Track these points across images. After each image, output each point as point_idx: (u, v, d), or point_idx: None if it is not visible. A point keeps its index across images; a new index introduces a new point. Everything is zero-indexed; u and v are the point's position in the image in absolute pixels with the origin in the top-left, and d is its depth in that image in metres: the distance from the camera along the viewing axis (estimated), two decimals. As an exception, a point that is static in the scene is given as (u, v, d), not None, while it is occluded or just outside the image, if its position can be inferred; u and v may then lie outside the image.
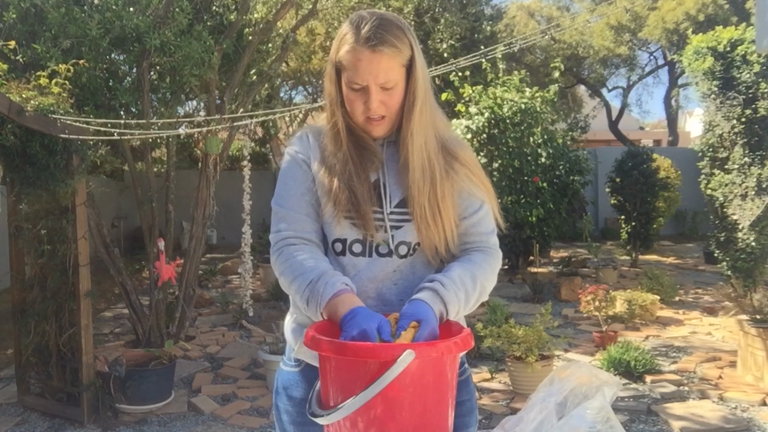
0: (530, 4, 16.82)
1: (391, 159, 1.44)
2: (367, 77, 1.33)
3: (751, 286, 5.10)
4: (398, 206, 1.41)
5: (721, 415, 3.82)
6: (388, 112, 1.37)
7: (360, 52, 1.32)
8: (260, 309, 6.83)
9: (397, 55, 1.33)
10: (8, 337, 5.06)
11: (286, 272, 1.37)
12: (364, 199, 1.38)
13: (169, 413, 4.09)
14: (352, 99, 1.37)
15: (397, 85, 1.35)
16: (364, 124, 1.40)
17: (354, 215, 1.38)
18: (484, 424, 3.81)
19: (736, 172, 5.08)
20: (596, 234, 12.22)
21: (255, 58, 5.67)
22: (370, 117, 1.37)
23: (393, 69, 1.34)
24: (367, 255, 1.40)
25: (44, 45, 4.02)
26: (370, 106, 1.35)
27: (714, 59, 5.21)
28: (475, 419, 1.50)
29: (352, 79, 1.35)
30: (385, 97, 1.35)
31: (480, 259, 1.41)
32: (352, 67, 1.34)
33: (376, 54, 1.31)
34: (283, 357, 1.54)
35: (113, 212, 10.87)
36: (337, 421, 1.15)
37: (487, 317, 5.23)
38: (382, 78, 1.33)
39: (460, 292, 1.33)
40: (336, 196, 1.38)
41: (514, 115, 7.62)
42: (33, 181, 3.76)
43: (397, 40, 1.33)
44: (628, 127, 19.01)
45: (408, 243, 1.41)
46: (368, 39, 1.32)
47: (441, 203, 1.39)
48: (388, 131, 1.43)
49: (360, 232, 1.39)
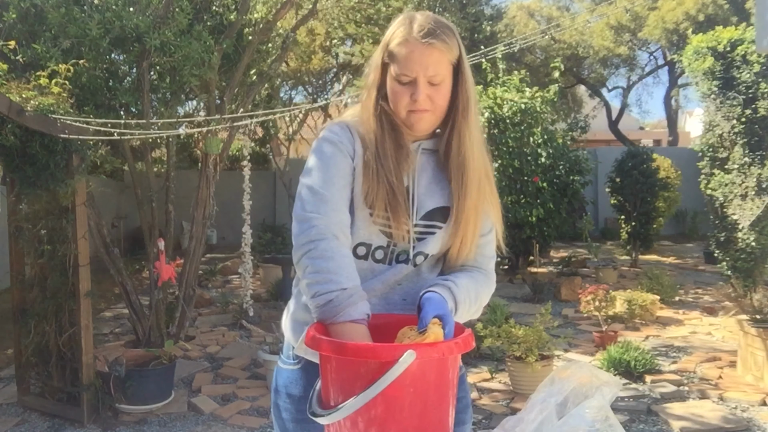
0: (530, 4, 16.82)
1: (425, 167, 1.44)
2: (417, 69, 1.34)
3: (751, 286, 5.10)
4: (424, 218, 1.41)
5: (721, 415, 3.82)
6: (433, 106, 1.38)
7: (413, 44, 1.35)
8: (260, 309, 6.83)
9: (447, 51, 1.36)
10: (8, 337, 5.06)
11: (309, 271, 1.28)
12: (400, 202, 1.36)
13: (169, 413, 4.09)
14: (398, 91, 1.37)
15: (444, 81, 1.37)
16: (406, 118, 1.39)
17: (390, 219, 1.37)
18: (484, 424, 3.82)
19: (736, 172, 5.08)
20: (596, 234, 12.22)
21: (255, 58, 5.67)
22: (413, 110, 1.37)
23: (442, 64, 1.36)
24: (388, 263, 1.41)
25: (44, 45, 4.02)
26: (416, 98, 1.35)
27: (714, 59, 5.21)
28: (470, 415, 1.52)
29: (401, 71, 1.36)
30: (432, 92, 1.36)
31: (481, 278, 1.43)
32: (404, 59, 1.35)
33: (428, 47, 1.34)
34: (281, 355, 1.54)
35: (113, 212, 10.87)
36: (337, 420, 1.15)
37: (487, 317, 5.23)
38: (432, 70, 1.35)
39: (470, 294, 1.36)
40: (374, 194, 1.35)
41: (514, 115, 7.62)
42: (33, 181, 3.76)
43: (447, 38, 1.36)
44: (628, 127, 19.02)
45: (425, 254, 1.42)
46: (421, 32, 1.34)
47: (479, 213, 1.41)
48: (429, 127, 1.42)
49: (386, 239, 1.39)
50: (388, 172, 1.37)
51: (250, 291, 6.50)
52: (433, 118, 1.40)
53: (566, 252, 10.42)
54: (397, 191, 1.36)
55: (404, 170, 1.40)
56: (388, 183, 1.36)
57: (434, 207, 1.41)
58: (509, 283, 7.92)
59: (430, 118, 1.39)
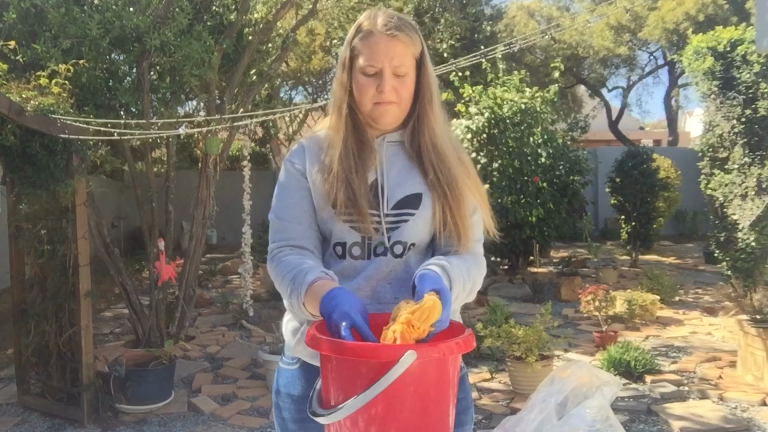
0: (530, 4, 16.82)
1: (394, 159, 1.46)
2: (382, 59, 1.38)
3: (751, 286, 5.10)
4: (396, 207, 1.43)
5: (721, 415, 3.82)
6: (398, 98, 1.41)
7: (377, 37, 1.39)
8: (260, 309, 6.82)
9: (411, 44, 1.40)
10: (8, 337, 5.06)
11: (276, 275, 1.40)
12: (361, 196, 1.39)
13: (169, 413, 4.09)
14: (363, 84, 1.40)
15: (408, 74, 1.41)
16: (372, 110, 1.42)
17: (353, 213, 1.40)
18: (484, 424, 3.81)
19: (736, 172, 5.08)
20: (596, 234, 12.22)
21: (255, 58, 5.66)
22: (378, 102, 1.40)
23: (406, 56, 1.40)
24: (366, 257, 1.42)
25: (44, 45, 4.02)
26: (383, 89, 1.38)
27: (714, 59, 5.20)
28: (471, 417, 1.52)
29: (367, 63, 1.39)
30: (397, 84, 1.40)
31: (471, 259, 1.43)
32: (368, 50, 1.39)
33: (392, 39, 1.39)
34: (282, 356, 1.55)
35: (113, 212, 10.87)
36: (337, 420, 1.15)
37: (487, 317, 5.23)
38: (397, 61, 1.39)
39: (463, 273, 1.36)
40: (335, 195, 1.40)
41: (514, 115, 7.61)
42: (33, 181, 3.76)
43: (410, 33, 1.41)
44: (628, 127, 19.01)
45: (403, 243, 1.43)
46: (386, 26, 1.39)
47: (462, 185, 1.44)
48: (393, 121, 1.45)
49: (358, 234, 1.41)
50: (347, 169, 1.41)
51: (250, 291, 6.49)
52: (398, 111, 1.43)
53: (566, 252, 10.42)
54: (356, 187, 1.40)
55: (369, 166, 1.44)
56: (347, 180, 1.40)
57: (405, 195, 1.43)
58: (509, 283, 7.92)
59: (395, 110, 1.43)
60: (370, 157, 1.44)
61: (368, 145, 1.45)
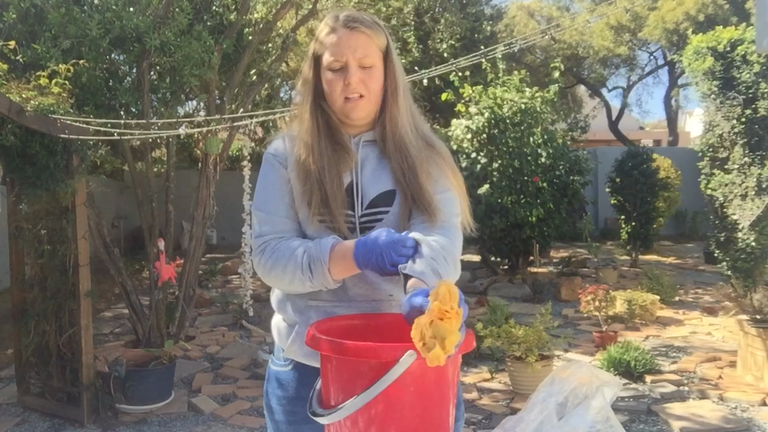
0: (530, 4, 16.82)
1: (368, 158, 1.46)
2: (346, 52, 1.39)
3: (751, 286, 5.09)
4: (369, 206, 1.42)
5: (721, 415, 3.82)
6: (366, 91, 1.41)
7: (339, 32, 1.40)
8: (260, 309, 6.81)
9: (375, 36, 1.41)
10: (8, 337, 5.05)
11: (277, 262, 1.37)
12: (334, 200, 1.39)
13: (169, 413, 4.09)
14: (331, 80, 1.41)
15: (374, 66, 1.41)
16: (342, 107, 1.42)
17: (325, 214, 1.39)
18: (484, 424, 3.81)
19: (736, 172, 5.07)
20: (596, 234, 12.21)
21: (255, 58, 5.67)
22: (348, 97, 1.40)
23: (371, 47, 1.41)
24: None
25: (44, 45, 4.02)
26: (349, 81, 1.38)
27: (714, 59, 5.20)
28: (462, 412, 1.54)
29: (332, 58, 1.40)
30: (364, 76, 1.40)
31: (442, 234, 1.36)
32: (333, 45, 1.40)
33: (354, 32, 1.40)
34: (272, 356, 1.56)
35: (113, 212, 10.87)
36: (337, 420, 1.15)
37: (487, 317, 5.23)
38: (361, 52, 1.39)
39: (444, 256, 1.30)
40: (309, 197, 1.39)
41: (514, 115, 7.61)
42: (33, 181, 3.76)
43: (372, 26, 1.42)
44: (628, 127, 19.01)
45: None
46: (347, 21, 1.41)
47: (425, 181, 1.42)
48: (365, 116, 1.44)
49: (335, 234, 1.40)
50: (321, 170, 1.40)
51: (250, 291, 6.49)
52: (369, 105, 1.43)
53: (566, 252, 10.42)
54: (329, 189, 1.39)
55: (345, 168, 1.43)
56: (321, 182, 1.39)
57: (377, 193, 1.43)
58: (509, 283, 7.92)
59: (366, 104, 1.42)
60: (346, 159, 1.44)
61: (343, 147, 1.45)
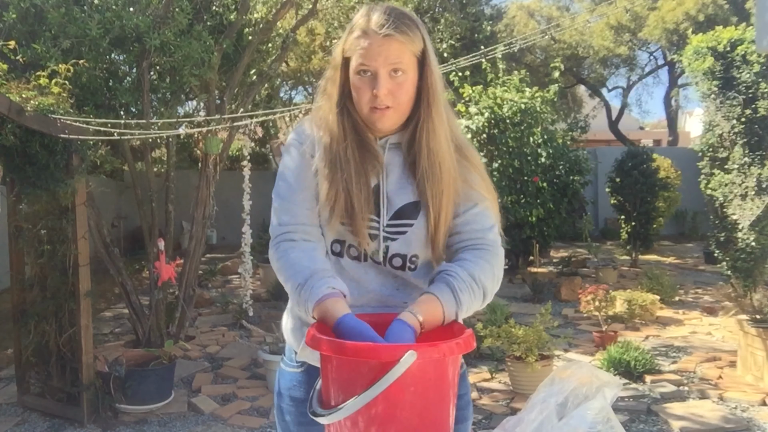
0: (530, 4, 16.81)
1: (393, 164, 1.39)
2: (376, 59, 1.29)
3: (751, 286, 5.09)
4: (395, 217, 1.37)
5: (721, 415, 3.82)
6: (395, 103, 1.32)
7: (370, 37, 1.30)
8: (260, 309, 6.82)
9: (409, 43, 1.30)
10: (8, 337, 5.05)
11: (282, 270, 1.35)
12: (360, 208, 1.33)
13: (169, 413, 4.09)
14: (359, 86, 1.32)
15: (406, 74, 1.31)
16: (368, 115, 1.34)
17: (348, 225, 1.34)
18: (484, 424, 3.81)
19: (736, 172, 5.07)
20: (596, 234, 12.22)
21: (255, 58, 5.67)
22: (375, 107, 1.32)
23: (404, 55, 1.30)
24: (363, 260, 1.38)
25: (44, 45, 4.02)
26: (377, 92, 1.30)
27: (714, 59, 5.20)
28: (470, 412, 1.52)
29: (360, 63, 1.31)
30: (394, 86, 1.31)
31: (473, 257, 1.35)
32: (363, 51, 1.30)
33: (387, 39, 1.29)
34: (283, 357, 1.52)
35: (113, 212, 10.86)
36: (337, 420, 1.15)
37: (487, 317, 5.23)
38: (393, 59, 1.29)
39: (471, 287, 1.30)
40: (332, 201, 1.33)
41: (514, 115, 7.61)
42: (33, 181, 3.76)
43: (408, 30, 1.31)
44: (628, 127, 19.01)
45: (403, 255, 1.37)
46: (380, 25, 1.29)
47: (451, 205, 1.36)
48: (392, 126, 1.37)
49: (354, 238, 1.36)
50: (348, 178, 1.33)
51: (250, 291, 6.48)
52: (396, 116, 1.35)
53: (566, 252, 10.41)
54: (356, 200, 1.33)
55: (372, 172, 1.36)
56: (347, 192, 1.33)
57: (403, 203, 1.37)
58: (509, 283, 7.92)
59: (393, 116, 1.34)
60: (374, 164, 1.36)
61: (371, 150, 1.37)
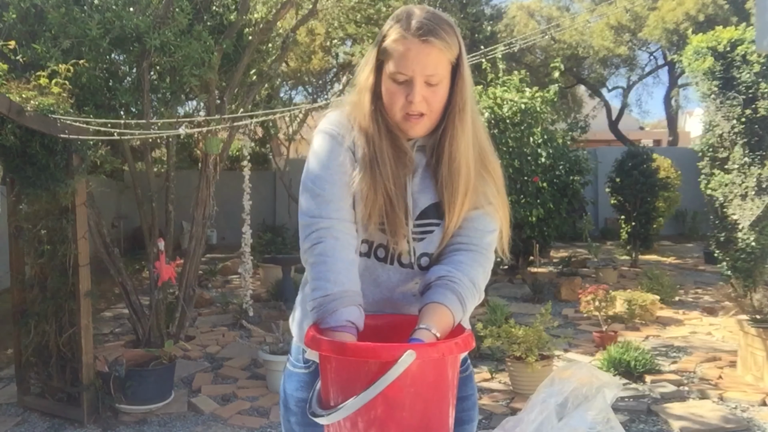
0: (530, 4, 16.81)
1: (417, 165, 1.38)
2: (414, 68, 1.27)
3: (751, 286, 5.09)
4: (420, 217, 1.36)
5: (721, 415, 3.82)
6: (428, 110, 1.31)
7: (410, 42, 1.27)
8: (260, 309, 6.82)
9: (447, 50, 1.29)
10: (8, 337, 5.05)
11: (315, 266, 1.28)
12: (399, 208, 1.32)
13: (169, 413, 4.09)
14: (393, 92, 1.30)
15: (441, 82, 1.30)
16: (401, 122, 1.32)
17: (385, 222, 1.33)
18: (484, 424, 3.81)
19: (736, 172, 5.07)
20: (596, 234, 12.22)
21: (255, 58, 5.66)
22: (409, 113, 1.30)
23: (441, 63, 1.29)
24: (389, 262, 1.37)
25: (44, 45, 4.02)
26: (412, 100, 1.28)
27: (714, 59, 5.20)
28: (476, 413, 1.51)
29: (397, 70, 1.28)
30: (429, 94, 1.29)
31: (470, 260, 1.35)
32: (400, 56, 1.28)
33: (426, 45, 1.26)
34: (290, 357, 1.49)
35: (113, 212, 10.87)
36: (337, 421, 1.15)
37: (487, 317, 5.23)
38: (430, 70, 1.27)
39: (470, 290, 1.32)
40: (371, 202, 1.31)
41: (514, 115, 7.61)
42: (33, 181, 3.76)
43: (447, 36, 1.28)
44: (628, 127, 19.00)
45: (429, 255, 1.37)
46: (419, 30, 1.27)
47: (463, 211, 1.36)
48: (424, 132, 1.36)
49: (385, 237, 1.35)
50: (386, 179, 1.31)
51: (250, 291, 6.50)
52: (429, 123, 1.34)
53: (566, 252, 10.42)
54: (395, 200, 1.31)
55: (405, 173, 1.35)
56: (386, 192, 1.31)
57: (427, 204, 1.36)
58: (509, 283, 7.92)
59: (426, 122, 1.33)
60: (405, 163, 1.35)
61: (404, 152, 1.35)
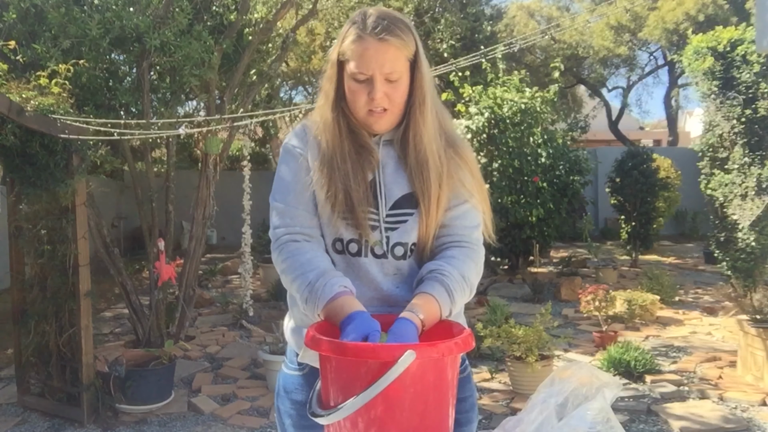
0: (530, 4, 16.81)
1: (387, 158, 1.43)
2: (372, 66, 1.33)
3: (751, 286, 5.10)
4: (394, 207, 1.40)
5: (721, 415, 3.82)
6: (391, 105, 1.37)
7: (367, 41, 1.33)
8: (260, 309, 6.83)
9: (403, 47, 1.34)
10: (8, 337, 5.05)
11: (288, 271, 1.36)
12: (359, 201, 1.36)
13: (169, 413, 4.09)
14: (355, 90, 1.36)
15: (401, 78, 1.36)
16: (365, 118, 1.39)
17: (349, 218, 1.37)
18: (484, 424, 3.81)
19: (736, 172, 5.08)
20: (596, 234, 12.22)
21: (255, 58, 5.67)
22: (372, 110, 1.36)
23: (399, 60, 1.34)
24: (364, 255, 1.40)
25: (44, 45, 4.02)
26: (374, 97, 1.34)
27: (714, 59, 5.20)
28: (476, 415, 1.52)
29: (357, 70, 1.34)
30: (390, 90, 1.35)
31: (465, 258, 1.38)
32: (358, 56, 1.34)
33: (383, 44, 1.33)
34: (285, 359, 1.53)
35: (113, 212, 10.87)
36: (337, 421, 1.15)
37: (487, 317, 5.23)
38: (388, 67, 1.33)
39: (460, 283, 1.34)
40: (332, 197, 1.37)
41: (514, 115, 7.61)
42: (33, 181, 3.76)
43: (402, 33, 1.34)
44: (628, 127, 19.01)
45: (404, 244, 1.40)
46: (375, 29, 1.33)
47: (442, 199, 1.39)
48: (388, 127, 1.42)
49: (355, 231, 1.38)
50: (344, 175, 1.37)
51: (250, 291, 6.50)
52: (392, 118, 1.40)
53: (566, 252, 10.42)
54: (354, 193, 1.36)
55: (368, 167, 1.40)
56: (344, 186, 1.36)
57: (401, 195, 1.40)
58: (509, 283, 7.92)
59: (389, 117, 1.39)
60: (370, 160, 1.41)
61: (367, 148, 1.41)
